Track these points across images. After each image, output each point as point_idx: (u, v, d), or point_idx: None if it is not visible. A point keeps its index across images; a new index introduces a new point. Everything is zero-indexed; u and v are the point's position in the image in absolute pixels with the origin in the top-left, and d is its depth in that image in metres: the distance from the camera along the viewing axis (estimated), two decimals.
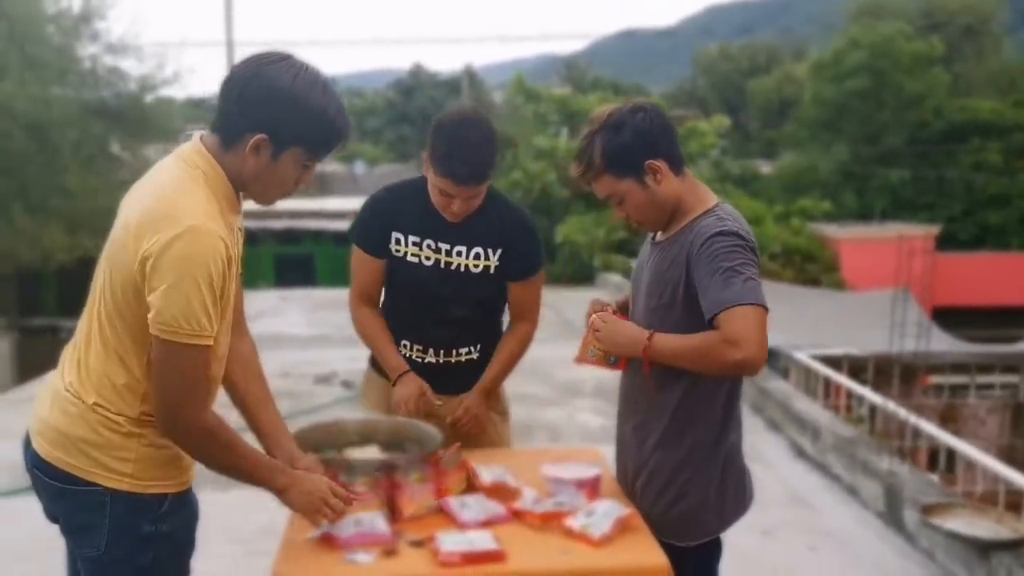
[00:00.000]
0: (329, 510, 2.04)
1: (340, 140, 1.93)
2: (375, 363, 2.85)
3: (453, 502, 2.26)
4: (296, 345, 8.81)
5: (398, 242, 2.67)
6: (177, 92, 19.41)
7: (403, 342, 2.73)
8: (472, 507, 2.24)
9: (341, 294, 11.38)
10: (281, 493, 2.04)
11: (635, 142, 2.15)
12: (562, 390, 6.86)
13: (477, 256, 2.65)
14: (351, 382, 7.35)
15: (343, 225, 22.29)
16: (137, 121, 18.49)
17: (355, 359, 8.10)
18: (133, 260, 1.77)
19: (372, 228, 2.69)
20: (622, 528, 2.14)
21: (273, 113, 1.83)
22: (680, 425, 2.23)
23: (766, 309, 2.04)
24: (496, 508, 2.25)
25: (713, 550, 2.31)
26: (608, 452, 2.50)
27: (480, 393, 2.74)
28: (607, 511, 2.18)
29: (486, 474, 2.37)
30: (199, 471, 2.03)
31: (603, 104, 15.26)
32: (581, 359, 2.36)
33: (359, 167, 41.03)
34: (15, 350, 13.72)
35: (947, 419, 7.66)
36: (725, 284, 2.04)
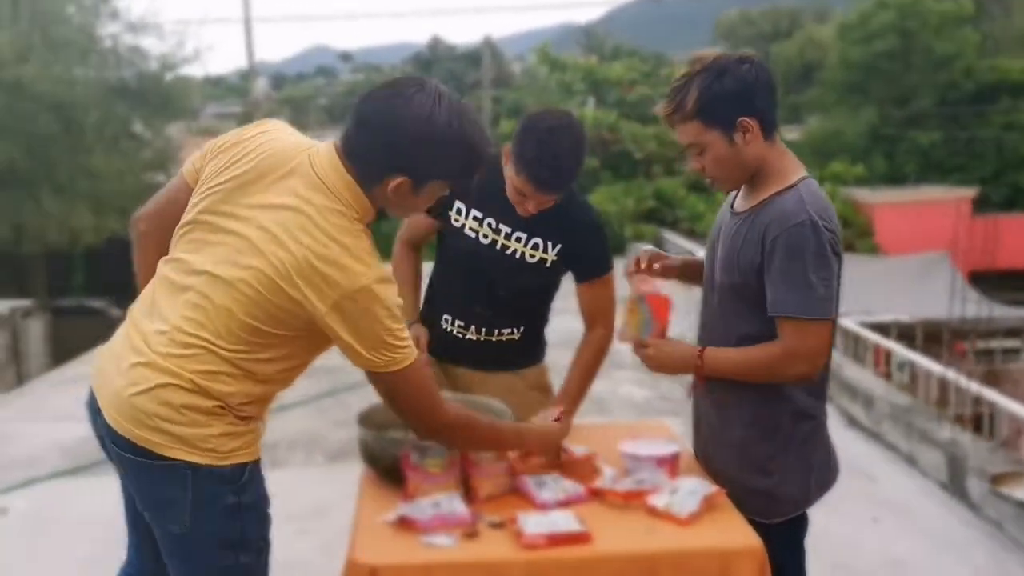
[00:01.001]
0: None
1: (480, 164, 1.92)
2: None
3: (529, 481, 2.19)
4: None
5: (459, 212, 2.59)
6: (197, 70, 19.34)
7: (444, 316, 2.66)
8: (549, 486, 2.18)
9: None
10: (530, 444, 2.24)
11: (734, 93, 2.02)
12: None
13: (535, 247, 2.56)
14: None
15: None
16: (159, 100, 18.47)
17: None
18: (296, 295, 1.79)
19: None
20: (708, 506, 2.07)
21: (413, 154, 1.82)
22: (764, 399, 2.14)
23: (831, 319, 2.03)
24: (574, 487, 2.18)
25: (800, 525, 2.24)
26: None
27: (569, 416, 2.55)
28: (692, 489, 2.10)
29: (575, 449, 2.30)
30: None
31: (629, 72, 15.06)
32: (624, 337, 2.28)
33: None
34: (47, 331, 13.84)
35: (988, 384, 7.52)
36: (798, 289, 1.98)
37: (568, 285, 2.66)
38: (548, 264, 2.58)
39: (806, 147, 23.48)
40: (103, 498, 4.51)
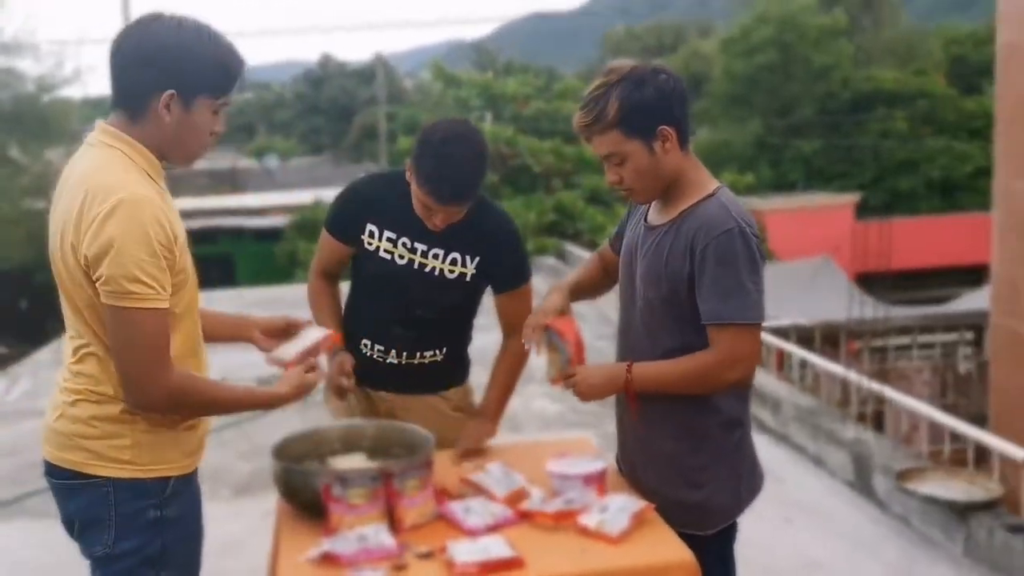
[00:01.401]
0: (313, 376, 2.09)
1: (239, 73, 1.94)
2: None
3: (456, 507, 2.14)
4: (232, 347, 8.46)
5: (372, 234, 2.53)
6: (77, 92, 18.62)
7: (364, 341, 2.60)
8: (477, 511, 2.13)
9: (272, 292, 11.04)
10: (267, 402, 2.07)
11: (654, 102, 2.02)
12: None
13: (454, 262, 2.52)
14: None
15: (262, 222, 21.81)
16: (36, 123, 17.69)
17: None
18: (78, 249, 1.79)
19: (346, 214, 2.58)
20: (639, 522, 2.05)
21: (172, 66, 1.84)
22: (693, 410, 2.14)
23: (760, 324, 2.04)
24: (502, 510, 2.14)
25: (731, 535, 2.24)
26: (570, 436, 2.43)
27: (492, 422, 2.65)
28: (622, 506, 2.09)
29: (491, 482, 2.25)
30: None
31: (524, 88, 15.15)
32: (553, 379, 2.26)
33: (271, 162, 40.24)
34: None
35: (883, 382, 7.82)
36: (733, 295, 1.99)
37: (488, 301, 2.63)
38: (468, 278, 2.54)
39: (696, 158, 24.16)
40: (10, 548, 4.27)
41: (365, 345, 2.60)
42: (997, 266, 6.55)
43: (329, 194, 20.46)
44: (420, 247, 2.51)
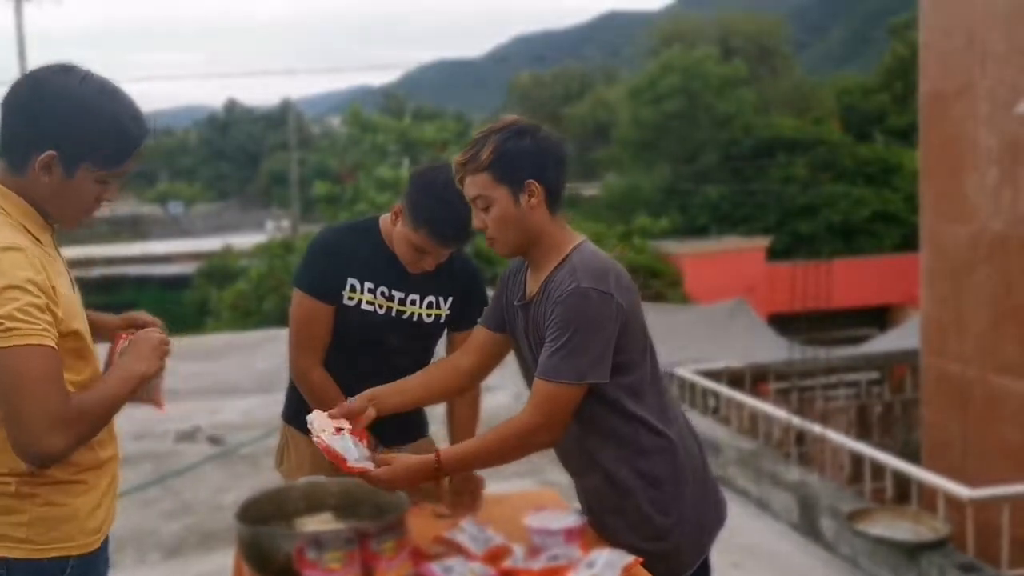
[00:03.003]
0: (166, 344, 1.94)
1: (136, 148, 1.81)
2: (297, 420, 2.58)
3: (435, 568, 2.05)
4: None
5: (353, 289, 2.47)
6: None
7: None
8: (458, 571, 2.04)
9: (183, 342, 10.62)
10: (138, 373, 1.86)
11: (528, 154, 2.06)
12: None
13: (430, 305, 2.53)
14: (218, 436, 6.86)
15: (168, 270, 21.22)
16: None
17: (216, 411, 7.71)
18: None
19: (325, 273, 2.48)
20: None
21: (59, 127, 1.71)
22: (641, 461, 2.11)
23: (582, 382, 2.00)
24: (484, 570, 2.06)
25: (706, 570, 2.25)
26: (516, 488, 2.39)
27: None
28: (609, 561, 2.03)
29: (466, 539, 2.18)
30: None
31: (441, 133, 15.23)
32: (351, 468, 2.08)
33: (176, 208, 39.38)
34: None
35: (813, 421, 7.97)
36: (555, 352, 2.00)
37: None
38: (442, 319, 2.56)
39: (605, 203, 24.59)
40: None
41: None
42: (927, 307, 6.76)
43: (239, 240, 20.12)
44: (398, 295, 2.50)
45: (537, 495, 2.86)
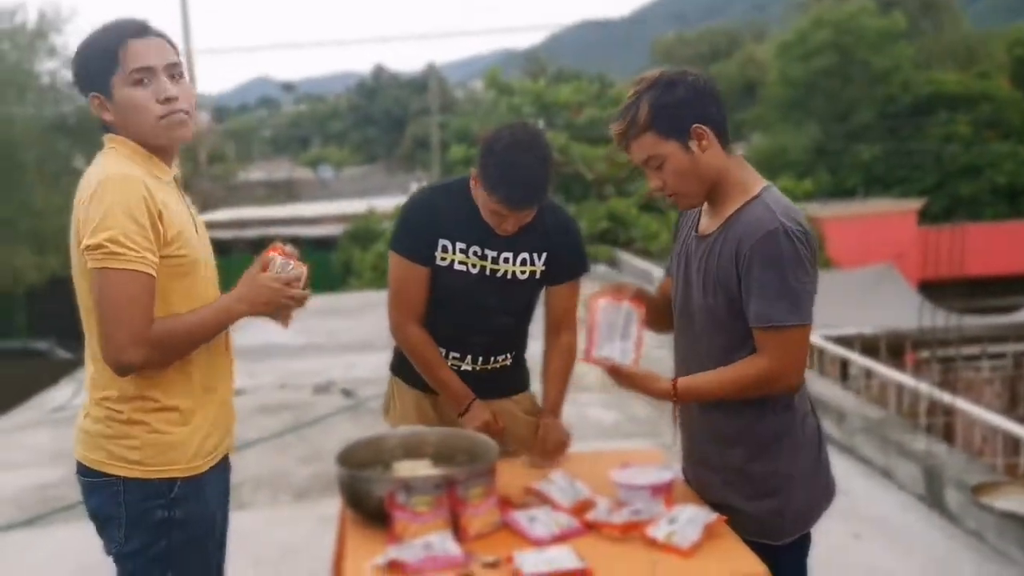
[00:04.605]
0: (294, 301, 2.04)
1: (120, 43, 1.94)
2: (402, 372, 2.68)
3: (521, 517, 2.10)
4: (289, 355, 8.59)
5: (445, 249, 2.50)
6: None
7: (439, 350, 2.59)
8: (542, 521, 2.08)
9: (329, 300, 11.12)
10: (242, 313, 2.02)
11: (685, 101, 2.02)
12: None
13: (523, 262, 2.53)
14: (351, 390, 7.16)
15: (317, 231, 22.08)
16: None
17: (351, 366, 8.04)
18: (79, 240, 1.86)
19: (418, 235, 2.51)
20: (710, 535, 1.99)
21: (77, 75, 1.99)
22: (761, 412, 2.08)
23: (806, 323, 1.98)
24: (568, 521, 2.09)
25: (805, 546, 2.17)
26: (630, 447, 2.37)
27: (557, 417, 2.63)
28: (691, 517, 2.02)
29: (555, 491, 2.22)
30: None
31: (576, 95, 15.07)
32: (590, 357, 2.17)
33: (326, 171, 40.80)
34: None
35: (951, 393, 7.57)
36: (779, 297, 1.94)
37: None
38: (537, 275, 2.55)
39: (751, 164, 23.85)
40: (63, 549, 4.36)
41: (440, 353, 2.59)
42: None
43: (383, 203, 20.68)
44: (490, 253, 2.50)
45: (634, 453, 2.88)
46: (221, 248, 2.32)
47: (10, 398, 8.25)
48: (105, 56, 1.94)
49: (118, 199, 1.83)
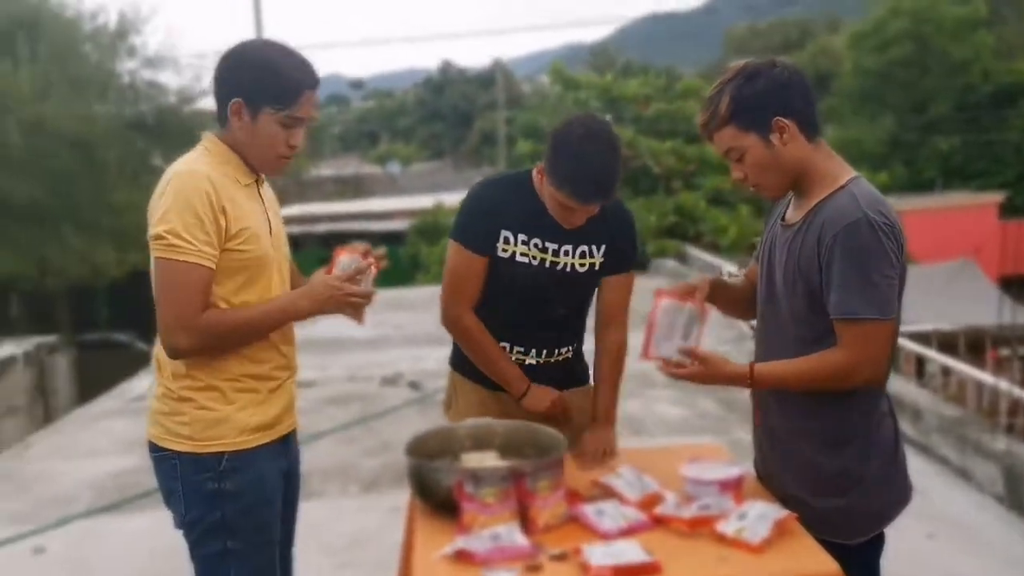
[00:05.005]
0: (356, 297, 2.13)
1: (302, 90, 2.05)
2: (463, 366, 2.69)
3: (589, 510, 2.10)
4: (358, 347, 8.72)
5: (507, 241, 2.50)
6: (212, 103, 19.43)
7: (500, 344, 2.58)
8: (610, 514, 2.08)
9: (398, 294, 11.24)
10: (304, 312, 2.12)
11: (767, 93, 1.99)
12: (633, 381, 6.63)
13: (583, 255, 2.52)
14: (418, 383, 7.25)
15: (386, 226, 22.36)
16: (177, 134, 18.57)
17: (419, 359, 8.13)
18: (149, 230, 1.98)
19: (479, 225, 2.51)
20: (780, 531, 1.97)
21: (239, 77, 2.04)
22: (836, 407, 2.05)
23: (893, 318, 1.95)
24: (636, 515, 2.09)
25: (878, 546, 2.14)
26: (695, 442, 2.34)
27: (611, 425, 2.61)
28: (762, 513, 2.00)
29: (623, 485, 2.21)
30: None
31: (644, 88, 14.91)
32: (648, 355, 2.15)
33: (394, 167, 41.22)
34: (73, 366, 13.89)
35: None
36: (859, 289, 1.91)
37: None
38: (596, 267, 2.55)
39: (828, 148, 23.36)
40: (139, 534, 4.51)
41: (503, 348, 2.59)
42: None
43: (450, 198, 20.86)
44: (551, 246, 2.50)
45: (702, 448, 2.86)
46: (292, 243, 2.41)
47: (92, 389, 8.55)
48: (278, 87, 2.03)
49: (182, 193, 1.97)
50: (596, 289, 2.62)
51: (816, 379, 2.01)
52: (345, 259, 2.16)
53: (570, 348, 2.64)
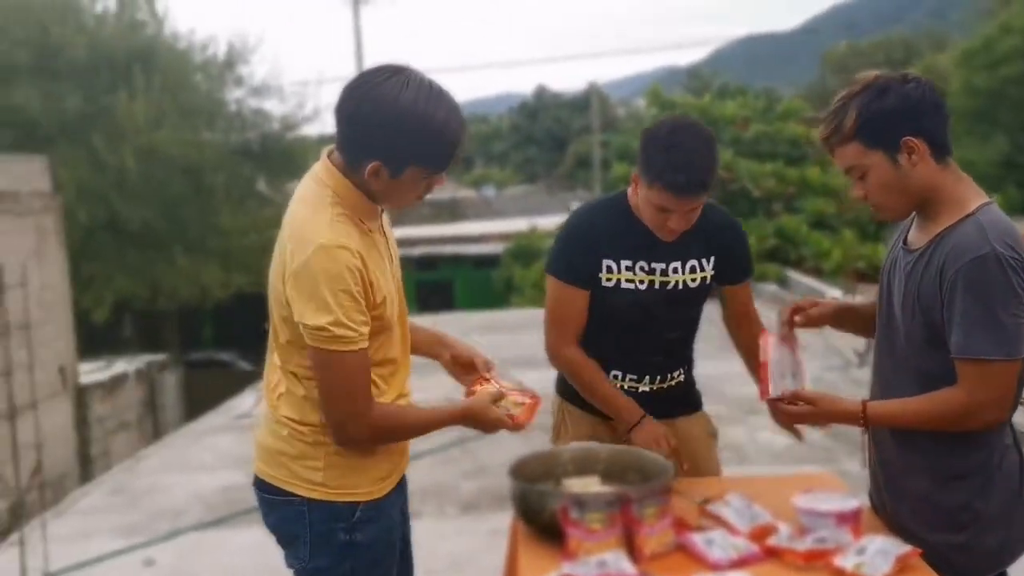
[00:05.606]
0: (506, 420, 2.12)
1: (454, 148, 1.88)
2: (570, 396, 2.65)
3: (697, 539, 2.04)
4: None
5: (609, 270, 2.43)
6: (315, 129, 20.06)
7: (613, 373, 2.53)
8: (720, 544, 2.02)
9: (491, 316, 11.32)
10: (459, 424, 2.14)
11: (897, 111, 1.89)
12: (737, 407, 6.51)
13: (693, 269, 2.46)
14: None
15: (480, 249, 22.56)
16: (280, 160, 19.19)
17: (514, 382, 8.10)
18: (281, 278, 1.88)
19: (578, 258, 2.44)
20: (902, 567, 1.88)
21: (384, 137, 1.83)
22: (949, 449, 1.95)
23: (1013, 358, 1.83)
24: (747, 545, 2.02)
25: None
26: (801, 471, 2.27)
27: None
28: (882, 548, 1.91)
29: (732, 514, 2.15)
30: None
31: (742, 109, 14.69)
32: (766, 395, 2.13)
33: (489, 191, 41.62)
34: (181, 384, 14.42)
35: None
36: (984, 329, 1.81)
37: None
38: (707, 280, 2.49)
39: (959, 171, 22.60)
40: (246, 549, 4.61)
41: (616, 377, 2.54)
42: None
43: (544, 221, 20.88)
44: (658, 266, 2.44)
45: (813, 477, 2.76)
46: None
47: (198, 405, 8.84)
48: (436, 151, 1.87)
49: (332, 273, 1.81)
50: (704, 304, 2.57)
51: (933, 420, 1.92)
52: (512, 401, 2.21)
53: (682, 371, 2.59)
